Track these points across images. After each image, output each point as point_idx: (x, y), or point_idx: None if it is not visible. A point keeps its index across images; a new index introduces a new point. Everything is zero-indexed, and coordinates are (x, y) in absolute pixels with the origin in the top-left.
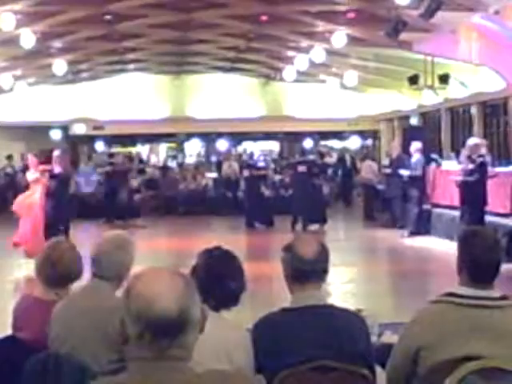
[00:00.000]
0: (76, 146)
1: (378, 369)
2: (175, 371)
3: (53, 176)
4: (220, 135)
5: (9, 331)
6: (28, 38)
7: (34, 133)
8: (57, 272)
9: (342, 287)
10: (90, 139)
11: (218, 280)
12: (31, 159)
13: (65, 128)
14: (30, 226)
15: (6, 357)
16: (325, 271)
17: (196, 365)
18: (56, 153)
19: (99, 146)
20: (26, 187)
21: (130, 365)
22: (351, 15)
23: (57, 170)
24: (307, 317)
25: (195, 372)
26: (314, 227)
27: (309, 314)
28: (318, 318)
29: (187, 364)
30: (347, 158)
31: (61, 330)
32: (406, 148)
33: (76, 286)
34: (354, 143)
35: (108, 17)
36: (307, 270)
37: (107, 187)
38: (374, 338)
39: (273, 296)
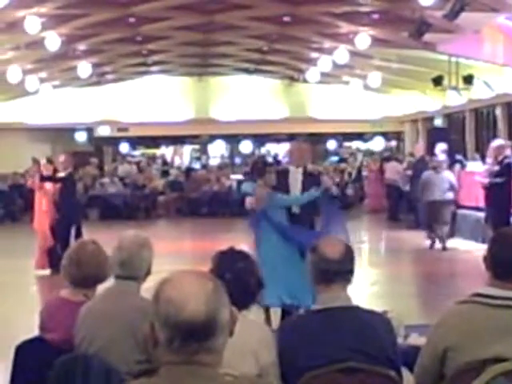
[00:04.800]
0: (100, 147)
1: (404, 371)
2: (204, 377)
3: (56, 180)
4: (244, 137)
5: (36, 332)
6: (53, 41)
7: (60, 135)
8: (83, 273)
9: (367, 289)
10: (114, 141)
11: (234, 280)
12: (43, 164)
13: (90, 130)
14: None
15: (33, 358)
16: (350, 272)
17: (226, 368)
18: (61, 158)
19: (124, 147)
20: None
21: (161, 368)
22: (375, 16)
23: (60, 174)
24: (333, 318)
25: (225, 379)
26: None
27: (335, 316)
28: (343, 319)
29: (217, 370)
30: (358, 160)
31: (88, 331)
32: (430, 149)
33: (101, 287)
34: (377, 144)
35: (132, 19)
36: (332, 271)
37: None
38: (399, 340)
39: None
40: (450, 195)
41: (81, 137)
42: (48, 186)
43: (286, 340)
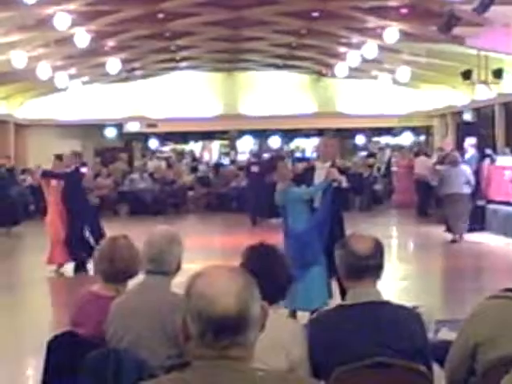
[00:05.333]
0: (130, 143)
1: (435, 366)
2: (236, 371)
3: (55, 176)
4: (272, 132)
5: (67, 326)
6: (82, 37)
7: (89, 131)
8: (115, 268)
9: (396, 284)
10: (143, 137)
11: (264, 276)
12: (54, 162)
13: (119, 126)
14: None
15: (65, 352)
16: (380, 267)
17: (256, 363)
18: (65, 156)
19: (153, 143)
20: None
21: (193, 363)
22: (404, 10)
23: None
24: (363, 313)
25: (256, 373)
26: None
27: (364, 311)
28: (373, 314)
29: (248, 364)
30: (387, 155)
31: (119, 325)
32: (459, 144)
33: (132, 282)
34: (406, 139)
35: (161, 15)
36: (361, 266)
37: None
38: (430, 335)
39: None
40: (466, 189)
41: (110, 133)
42: (54, 182)
43: (317, 335)
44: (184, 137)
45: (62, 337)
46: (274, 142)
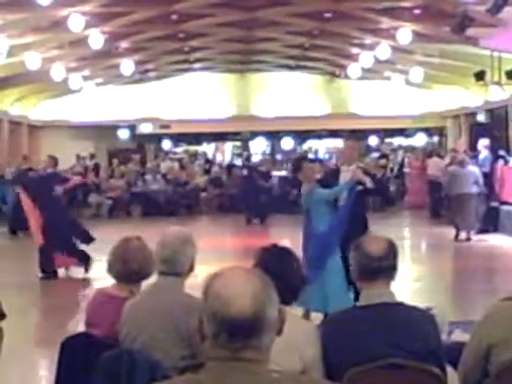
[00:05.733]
0: (143, 144)
1: (449, 368)
2: (250, 373)
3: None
4: (285, 133)
5: (82, 327)
6: (96, 39)
7: (102, 132)
8: (128, 269)
9: (409, 285)
10: (156, 138)
11: (277, 277)
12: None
13: (132, 127)
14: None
15: (78, 353)
16: (394, 268)
17: (270, 364)
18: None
19: (166, 144)
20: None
21: (208, 363)
22: (417, 11)
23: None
24: (376, 314)
25: (271, 375)
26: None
27: (378, 312)
28: (387, 315)
29: (263, 366)
30: (399, 156)
31: (132, 327)
32: (473, 145)
33: (145, 283)
34: (419, 140)
35: (174, 16)
36: (375, 267)
37: None
38: (443, 337)
39: None
40: (474, 189)
41: (123, 134)
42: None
43: (330, 336)
44: (197, 138)
45: (76, 337)
46: (287, 143)
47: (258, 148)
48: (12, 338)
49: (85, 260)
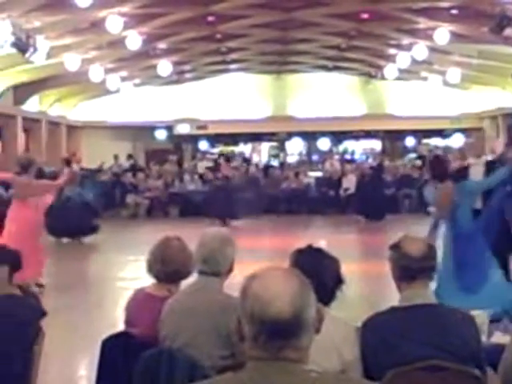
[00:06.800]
0: (180, 145)
1: (488, 370)
2: (290, 373)
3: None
4: (321, 134)
5: (122, 327)
6: (134, 40)
7: (140, 133)
8: (168, 269)
9: None
10: (193, 139)
11: (313, 278)
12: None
13: (169, 128)
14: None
15: (119, 352)
16: (432, 269)
17: (309, 364)
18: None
19: (203, 145)
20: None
21: (248, 363)
22: (454, 11)
23: None
24: (416, 316)
25: (310, 375)
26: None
27: (417, 313)
28: (426, 317)
29: (303, 366)
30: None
31: (172, 326)
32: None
33: (184, 282)
34: (456, 141)
35: (211, 18)
36: (414, 268)
37: None
38: (483, 338)
39: (383, 295)
40: None
41: (161, 135)
42: None
43: (370, 337)
44: (233, 138)
45: (117, 337)
46: (323, 143)
47: (295, 149)
48: (53, 336)
49: None
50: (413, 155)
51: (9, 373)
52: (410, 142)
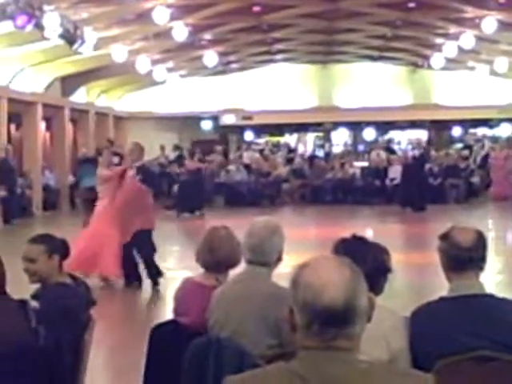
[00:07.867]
0: (226, 135)
1: None
2: (342, 362)
3: None
4: (367, 124)
5: (171, 316)
6: (180, 31)
7: (186, 123)
8: (215, 258)
9: (494, 277)
10: (239, 129)
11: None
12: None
13: (215, 118)
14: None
15: (168, 341)
16: (483, 259)
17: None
18: None
19: (248, 135)
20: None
21: (300, 353)
22: (502, 0)
23: None
24: (465, 306)
25: (362, 365)
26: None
27: (467, 304)
28: (476, 307)
29: (354, 355)
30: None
31: (220, 315)
32: None
33: (233, 272)
34: (504, 131)
35: (257, 8)
36: (464, 258)
37: None
38: None
39: (430, 285)
40: None
41: (206, 125)
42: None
43: (419, 326)
44: (279, 129)
45: (165, 325)
46: (369, 134)
47: (340, 139)
48: (102, 324)
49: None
50: (459, 145)
51: (59, 362)
52: (456, 131)
